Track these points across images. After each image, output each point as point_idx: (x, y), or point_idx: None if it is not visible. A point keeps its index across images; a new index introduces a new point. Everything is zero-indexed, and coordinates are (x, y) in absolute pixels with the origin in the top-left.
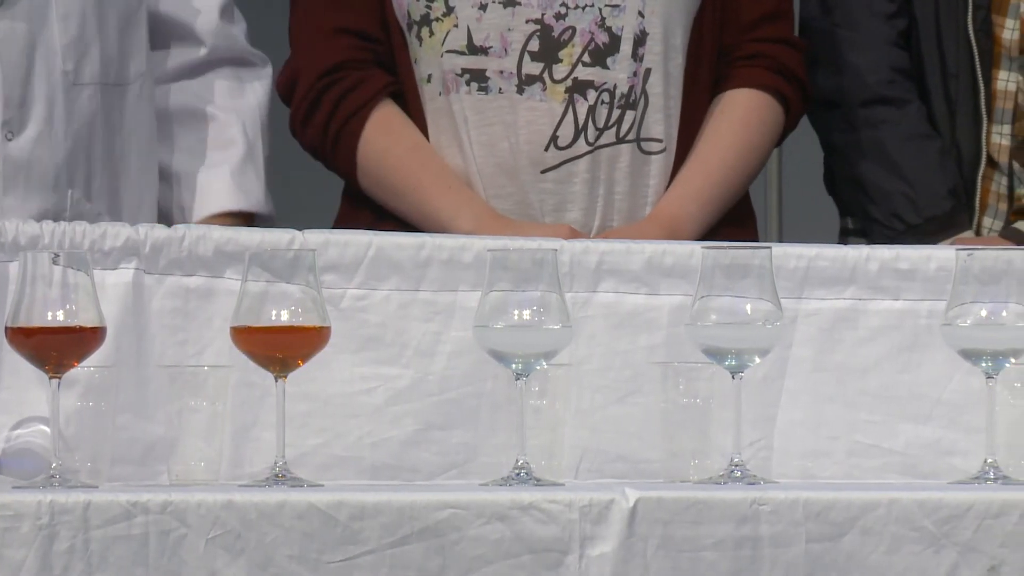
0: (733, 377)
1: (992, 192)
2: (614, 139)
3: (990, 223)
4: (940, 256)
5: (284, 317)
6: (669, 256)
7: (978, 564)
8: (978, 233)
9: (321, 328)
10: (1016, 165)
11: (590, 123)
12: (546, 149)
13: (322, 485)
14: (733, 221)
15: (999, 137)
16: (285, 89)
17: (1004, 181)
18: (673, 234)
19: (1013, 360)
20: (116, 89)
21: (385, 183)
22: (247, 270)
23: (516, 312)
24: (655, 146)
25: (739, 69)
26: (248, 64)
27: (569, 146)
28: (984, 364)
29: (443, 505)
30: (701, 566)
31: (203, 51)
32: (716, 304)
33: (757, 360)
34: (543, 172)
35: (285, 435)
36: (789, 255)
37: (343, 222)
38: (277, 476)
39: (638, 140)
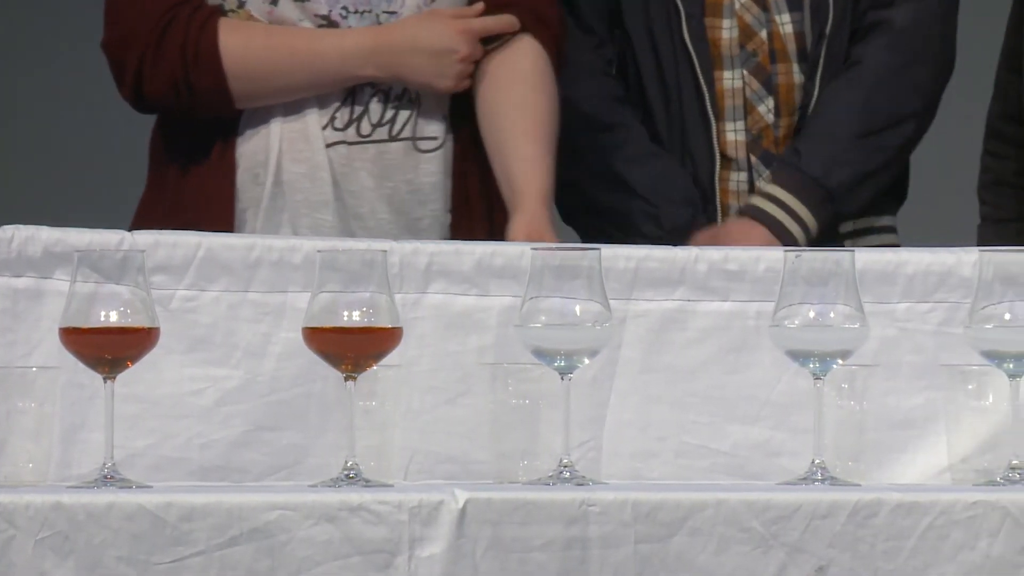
0: (562, 378)
1: (731, 192)
2: (386, 136)
3: None
4: (769, 257)
5: (113, 318)
6: (499, 257)
7: (806, 564)
8: None
9: (150, 329)
10: (753, 158)
11: (365, 118)
12: (324, 128)
13: (151, 486)
14: None
15: (733, 134)
16: (118, 51)
17: (742, 176)
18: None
19: (840, 361)
20: None
21: (262, 68)
22: (76, 271)
23: (346, 313)
24: (430, 144)
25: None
26: None
27: (343, 130)
28: (812, 365)
29: (272, 506)
30: (530, 567)
31: None
32: (545, 305)
33: (586, 361)
34: (328, 146)
35: (114, 436)
36: (618, 256)
37: (145, 204)
38: (106, 477)
39: (413, 139)
